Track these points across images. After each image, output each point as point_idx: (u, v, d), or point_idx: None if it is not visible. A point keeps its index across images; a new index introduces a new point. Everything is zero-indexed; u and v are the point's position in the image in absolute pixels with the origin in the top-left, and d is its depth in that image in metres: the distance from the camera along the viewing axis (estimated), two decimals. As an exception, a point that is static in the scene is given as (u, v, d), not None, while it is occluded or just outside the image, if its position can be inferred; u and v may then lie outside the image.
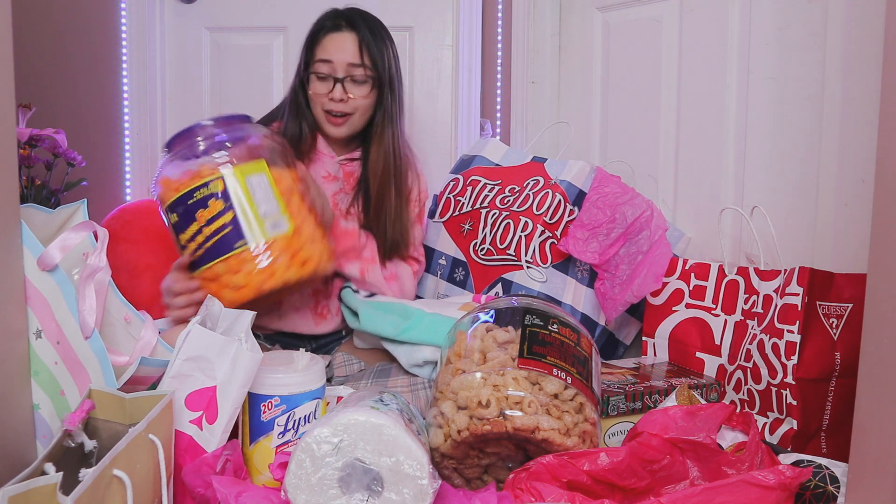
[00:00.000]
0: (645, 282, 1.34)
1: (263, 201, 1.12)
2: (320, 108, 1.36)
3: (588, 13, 1.76)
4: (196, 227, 1.10)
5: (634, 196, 1.41)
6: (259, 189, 1.13)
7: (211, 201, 1.10)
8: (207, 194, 1.10)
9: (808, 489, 0.89)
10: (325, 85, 1.35)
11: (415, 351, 1.21)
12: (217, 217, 1.10)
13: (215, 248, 1.10)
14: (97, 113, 1.90)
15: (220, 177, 1.10)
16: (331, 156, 1.42)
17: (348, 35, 1.35)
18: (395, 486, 0.81)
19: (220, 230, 1.09)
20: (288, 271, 1.12)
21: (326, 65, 1.34)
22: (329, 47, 1.35)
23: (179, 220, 1.13)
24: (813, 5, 1.30)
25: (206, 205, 1.10)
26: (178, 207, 1.12)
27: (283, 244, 1.13)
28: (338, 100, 1.34)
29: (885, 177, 0.79)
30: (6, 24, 0.83)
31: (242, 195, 1.11)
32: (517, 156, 1.59)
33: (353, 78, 1.34)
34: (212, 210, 1.10)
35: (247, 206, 1.11)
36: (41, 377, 0.91)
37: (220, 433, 0.91)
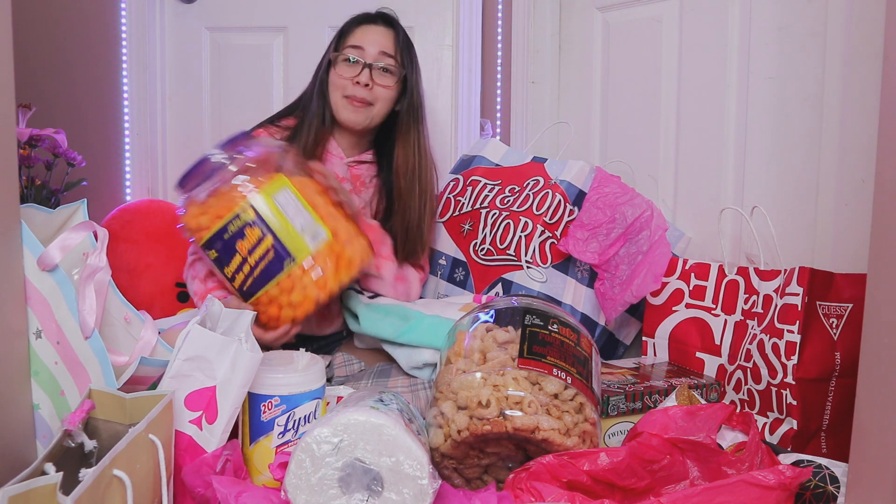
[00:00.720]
0: (644, 282, 1.34)
1: (296, 216, 1.13)
2: (341, 93, 1.35)
3: (588, 13, 1.76)
4: (239, 259, 1.11)
5: (634, 196, 1.41)
6: (288, 205, 1.13)
7: (247, 230, 1.10)
8: (241, 225, 1.10)
9: (808, 489, 0.89)
10: (352, 69, 1.33)
11: (414, 353, 1.21)
12: (258, 245, 1.10)
13: (265, 274, 1.11)
14: (97, 113, 1.90)
15: (248, 204, 1.11)
16: (340, 157, 1.41)
17: (384, 29, 1.36)
18: (395, 486, 0.81)
19: (264, 256, 1.11)
20: (338, 276, 1.14)
21: (357, 50, 1.34)
22: (362, 35, 1.35)
23: (220, 255, 1.13)
24: (813, 5, 1.30)
25: (244, 235, 1.10)
26: (215, 244, 1.13)
27: (327, 251, 1.14)
28: (363, 84, 1.32)
29: (885, 177, 0.79)
30: (6, 24, 0.83)
31: (274, 216, 1.11)
32: (517, 156, 1.59)
33: (382, 67, 1.34)
34: (250, 239, 1.10)
35: (282, 225, 1.11)
36: (41, 377, 0.91)
37: (220, 433, 0.91)
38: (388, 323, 1.24)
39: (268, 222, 1.11)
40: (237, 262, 1.12)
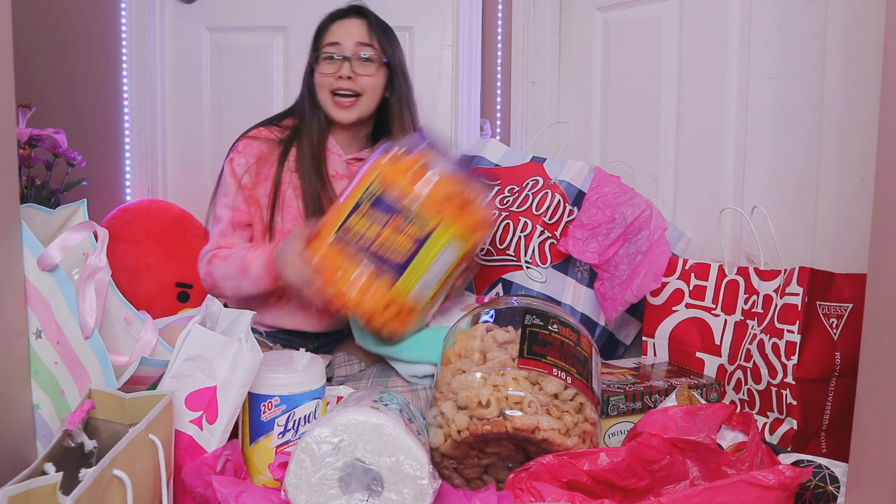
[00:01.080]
0: (644, 281, 1.34)
1: (435, 271, 1.14)
2: (327, 91, 1.36)
3: (588, 13, 1.76)
4: (379, 227, 1.11)
5: (634, 196, 1.41)
6: (442, 260, 1.14)
7: (412, 227, 1.11)
8: (415, 219, 1.11)
9: (808, 489, 0.89)
10: (332, 65, 1.35)
11: (413, 367, 1.22)
12: (403, 239, 1.11)
13: (375, 257, 1.11)
14: (97, 113, 1.90)
15: (440, 222, 1.11)
16: (338, 154, 1.41)
17: (356, 20, 1.37)
18: (395, 486, 0.81)
19: (396, 246, 1.11)
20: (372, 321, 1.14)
21: (334, 46, 1.35)
22: (337, 31, 1.36)
23: (372, 207, 1.12)
24: (813, 5, 1.30)
25: (409, 220, 1.11)
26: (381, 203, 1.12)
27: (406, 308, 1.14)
28: (346, 77, 1.33)
29: (885, 177, 0.79)
30: (6, 24, 0.83)
31: (430, 251, 1.12)
32: (517, 156, 1.59)
33: (361, 57, 1.35)
34: (408, 231, 1.10)
35: (423, 260, 1.12)
36: (41, 377, 0.91)
37: (220, 433, 0.91)
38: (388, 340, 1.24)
39: (426, 245, 1.11)
40: (372, 226, 1.11)
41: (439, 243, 1.12)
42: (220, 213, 1.36)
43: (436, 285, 1.17)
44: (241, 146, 1.36)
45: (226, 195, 1.35)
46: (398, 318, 1.16)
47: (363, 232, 1.12)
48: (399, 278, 1.11)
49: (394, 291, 1.12)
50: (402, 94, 1.40)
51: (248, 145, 1.36)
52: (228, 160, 1.37)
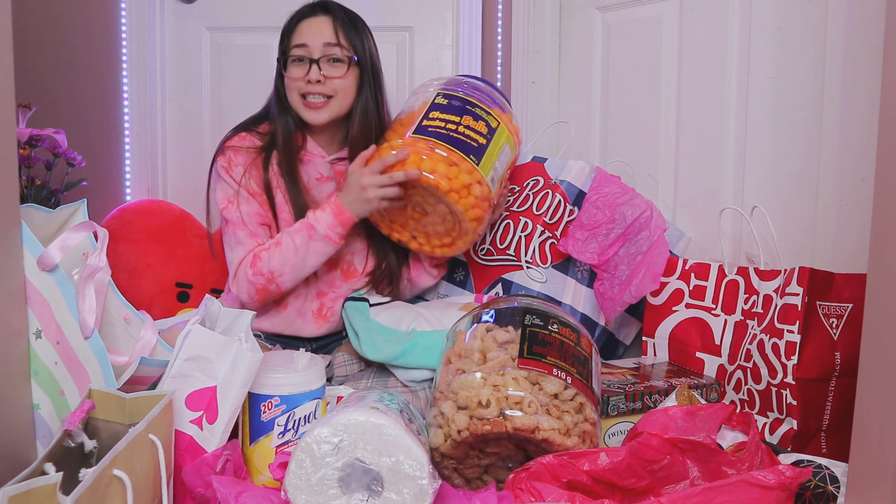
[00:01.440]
0: (643, 282, 1.34)
1: (500, 164, 1.32)
2: (297, 94, 1.33)
3: (588, 13, 1.76)
4: (457, 119, 1.27)
5: (634, 196, 1.41)
6: (503, 155, 1.33)
7: (480, 122, 1.29)
8: (483, 116, 1.29)
9: (808, 489, 0.89)
10: (301, 68, 1.32)
11: (410, 372, 1.22)
12: (473, 131, 1.27)
13: (454, 141, 1.25)
14: (97, 113, 1.89)
15: (500, 123, 1.31)
16: (321, 156, 1.40)
17: (323, 18, 1.34)
18: (395, 486, 0.81)
19: (468, 137, 1.26)
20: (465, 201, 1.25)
21: (302, 48, 1.32)
22: (304, 31, 1.33)
23: (447, 105, 1.30)
24: (813, 5, 1.30)
25: (476, 120, 1.28)
26: (455, 100, 1.31)
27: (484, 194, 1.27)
28: (314, 81, 1.30)
29: (885, 177, 0.79)
30: (6, 24, 0.83)
31: (496, 146, 1.30)
32: (517, 156, 1.59)
33: (329, 58, 1.32)
34: (475, 125, 1.27)
35: (493, 153, 1.29)
36: (41, 377, 0.91)
37: (221, 433, 0.91)
38: (385, 346, 1.25)
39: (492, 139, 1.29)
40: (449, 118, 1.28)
41: (502, 138, 1.31)
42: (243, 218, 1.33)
43: (500, 178, 1.33)
44: (232, 156, 1.34)
45: (241, 203, 1.33)
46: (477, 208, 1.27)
47: (443, 125, 1.27)
48: (481, 159, 1.26)
49: (481, 167, 1.25)
50: (368, 97, 1.36)
51: (237, 154, 1.34)
52: (225, 171, 1.34)
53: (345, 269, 1.42)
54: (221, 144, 1.36)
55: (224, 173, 1.34)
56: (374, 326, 1.30)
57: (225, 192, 1.34)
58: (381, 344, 1.25)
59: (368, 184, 1.24)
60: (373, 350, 1.24)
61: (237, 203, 1.33)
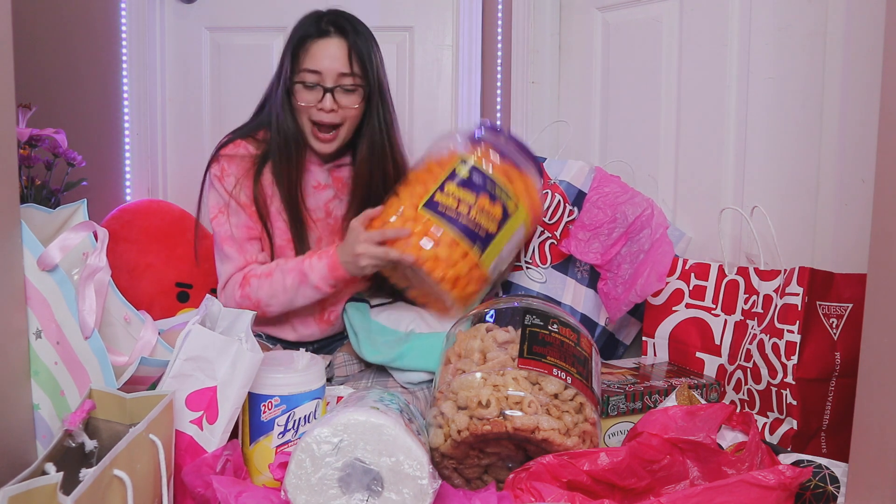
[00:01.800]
0: (648, 281, 1.33)
1: (509, 248, 1.27)
2: (307, 118, 1.31)
3: (588, 13, 1.76)
4: (472, 199, 1.20)
5: (634, 195, 1.41)
6: (515, 238, 1.27)
7: (497, 204, 1.22)
8: (502, 198, 1.22)
9: (808, 489, 0.89)
10: (313, 95, 1.29)
11: (407, 374, 1.22)
12: (486, 215, 1.21)
13: (463, 228, 1.19)
14: (97, 113, 1.90)
15: (517, 206, 1.24)
16: (318, 164, 1.38)
17: (336, 41, 1.29)
18: (395, 486, 0.81)
19: (476, 225, 1.20)
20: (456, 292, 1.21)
21: (314, 75, 1.28)
22: (317, 55, 1.28)
23: (467, 179, 1.22)
24: (813, 5, 1.30)
25: (494, 201, 1.21)
26: (476, 176, 1.22)
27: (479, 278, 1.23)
28: (328, 110, 1.28)
29: (885, 177, 0.79)
30: (6, 24, 0.83)
31: (508, 232, 1.24)
32: (517, 156, 1.59)
33: (343, 87, 1.28)
34: (491, 209, 1.21)
35: (502, 241, 1.23)
36: (41, 377, 0.91)
37: (221, 433, 0.91)
38: (384, 347, 1.25)
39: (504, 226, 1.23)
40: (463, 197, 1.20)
41: (518, 222, 1.25)
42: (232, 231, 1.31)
43: (507, 260, 1.29)
44: (226, 165, 1.32)
45: (231, 215, 1.31)
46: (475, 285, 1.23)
47: (455, 206, 1.20)
48: (486, 248, 1.21)
49: (483, 258, 1.21)
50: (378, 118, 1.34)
51: (231, 163, 1.32)
52: (217, 180, 1.31)
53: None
54: (216, 151, 1.34)
55: (216, 182, 1.32)
56: (374, 327, 1.30)
57: (216, 202, 1.33)
58: (379, 345, 1.25)
59: (363, 252, 1.20)
60: (371, 352, 1.24)
61: (227, 214, 1.32)
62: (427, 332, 1.24)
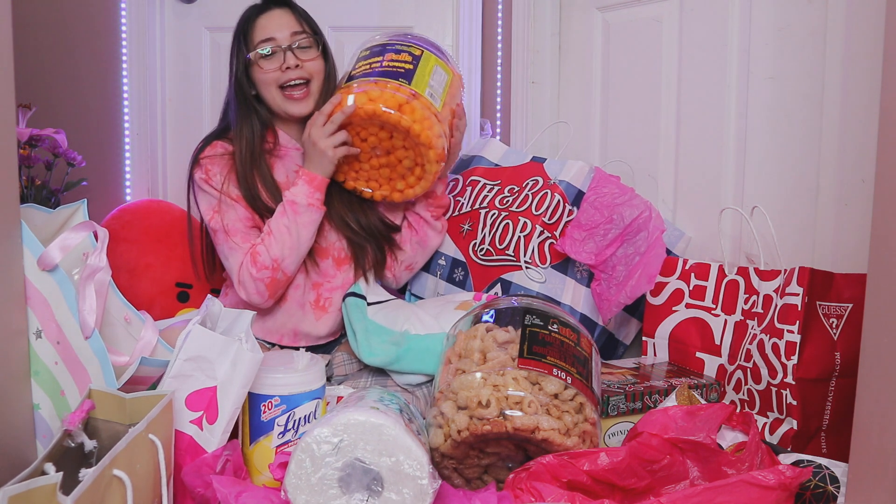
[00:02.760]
0: (638, 283, 1.33)
1: (435, 82, 1.34)
2: (275, 87, 1.33)
3: (588, 13, 1.76)
4: (378, 60, 1.33)
5: (633, 197, 1.41)
6: (436, 75, 1.34)
7: (403, 54, 1.33)
8: (404, 49, 1.33)
9: (808, 489, 0.89)
10: (274, 61, 1.33)
11: (405, 377, 1.22)
12: (396, 62, 1.31)
13: (380, 73, 1.30)
14: (97, 113, 1.90)
15: (421, 50, 1.34)
16: (296, 148, 1.40)
17: (281, 11, 1.36)
18: (395, 486, 0.81)
19: (397, 65, 1.31)
20: (409, 116, 1.27)
21: (269, 42, 1.33)
22: (266, 25, 1.35)
23: (368, 52, 1.36)
24: (813, 5, 1.30)
25: (399, 52, 1.33)
26: (375, 48, 1.36)
27: (425, 105, 1.30)
28: (293, 66, 1.32)
29: (885, 177, 0.79)
30: (6, 24, 0.83)
31: (425, 68, 1.33)
32: (517, 156, 1.59)
33: (299, 45, 1.34)
34: (401, 57, 1.32)
35: (423, 73, 1.32)
36: (41, 377, 0.91)
37: (221, 433, 0.91)
38: (381, 349, 1.25)
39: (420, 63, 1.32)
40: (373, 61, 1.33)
41: (430, 62, 1.34)
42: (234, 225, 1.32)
43: (441, 96, 1.34)
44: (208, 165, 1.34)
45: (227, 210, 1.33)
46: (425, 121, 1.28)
47: (368, 68, 1.32)
48: (412, 79, 1.30)
49: (414, 85, 1.29)
50: (331, 73, 1.39)
51: (213, 163, 1.34)
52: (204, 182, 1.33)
53: (335, 256, 1.42)
54: (195, 157, 1.36)
55: (204, 185, 1.34)
56: (371, 327, 1.30)
57: (209, 203, 1.34)
58: (376, 346, 1.25)
59: (317, 137, 1.28)
60: (369, 353, 1.24)
61: (221, 212, 1.33)
62: (423, 334, 1.24)
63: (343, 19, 1.50)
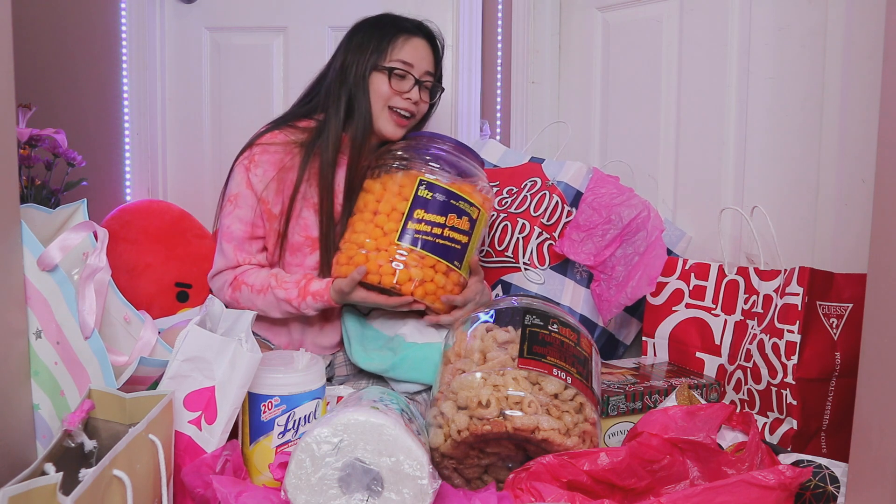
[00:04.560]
0: (639, 285, 1.33)
1: (477, 251, 1.31)
2: (385, 103, 1.33)
3: (588, 13, 1.76)
4: (441, 220, 1.23)
5: (631, 197, 1.41)
6: (480, 241, 1.31)
7: (464, 218, 1.25)
8: (467, 211, 1.25)
9: (808, 489, 0.89)
10: (404, 83, 1.33)
11: (400, 385, 1.22)
12: (458, 231, 1.24)
13: (441, 249, 1.23)
14: (97, 113, 1.90)
15: (479, 210, 1.27)
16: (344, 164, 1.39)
17: (426, 44, 1.37)
18: (395, 486, 0.81)
19: (452, 241, 1.24)
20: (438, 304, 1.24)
21: (408, 66, 1.34)
22: (410, 51, 1.35)
23: (430, 201, 1.23)
24: (813, 5, 1.30)
25: (460, 216, 1.24)
26: (437, 193, 1.23)
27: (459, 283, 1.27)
28: (414, 101, 1.34)
29: (885, 177, 0.79)
30: (6, 24, 0.83)
31: (477, 236, 1.28)
32: (515, 156, 1.59)
33: (425, 85, 1.36)
34: (459, 224, 1.24)
35: (474, 246, 1.28)
36: (41, 377, 0.91)
37: (220, 433, 0.91)
38: (375, 355, 1.24)
39: (473, 233, 1.27)
40: (432, 219, 1.22)
41: (481, 225, 1.29)
42: (233, 226, 1.28)
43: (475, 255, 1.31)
44: (258, 154, 1.28)
45: (239, 207, 1.28)
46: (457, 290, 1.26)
47: (428, 229, 1.22)
48: (463, 260, 1.25)
49: (462, 271, 1.25)
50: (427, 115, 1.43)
51: (265, 153, 1.28)
52: (244, 168, 1.28)
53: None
54: (252, 139, 1.32)
55: (242, 171, 1.29)
56: (369, 332, 1.30)
57: (237, 188, 1.29)
58: (371, 352, 1.25)
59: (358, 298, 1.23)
60: (364, 359, 1.24)
61: (235, 205, 1.28)
62: (421, 343, 1.23)
63: (343, 19, 1.49)
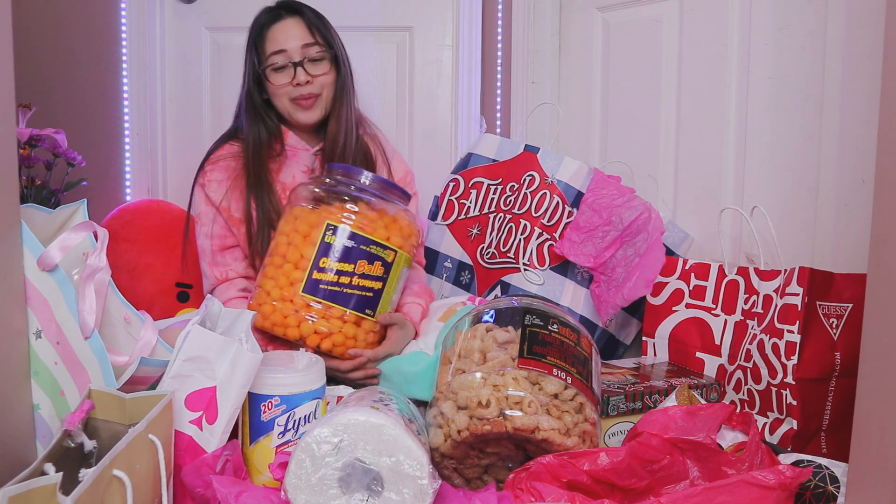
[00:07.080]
0: (636, 286, 1.33)
1: (397, 292, 1.25)
2: (286, 99, 1.34)
3: (588, 13, 1.76)
4: (349, 268, 1.17)
5: (632, 198, 1.41)
6: (402, 281, 1.25)
7: (377, 263, 1.18)
8: (380, 255, 1.18)
9: (808, 489, 0.89)
10: (285, 74, 1.32)
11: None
12: (369, 278, 1.18)
13: (349, 298, 1.17)
14: (97, 113, 1.90)
15: (396, 252, 1.20)
16: (305, 149, 1.39)
17: (293, 20, 1.33)
18: (395, 486, 0.81)
19: (363, 289, 1.18)
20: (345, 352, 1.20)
21: (281, 55, 1.32)
22: (278, 37, 1.32)
23: (337, 248, 1.17)
24: (813, 5, 1.30)
25: (371, 262, 1.18)
26: (345, 239, 1.17)
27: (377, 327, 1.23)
28: (303, 83, 1.31)
29: (885, 177, 0.79)
30: (6, 24, 0.83)
31: (395, 279, 1.22)
32: (511, 146, 1.57)
33: (310, 58, 1.32)
34: (371, 270, 1.18)
35: (391, 289, 1.22)
36: (41, 377, 0.91)
37: (220, 433, 0.91)
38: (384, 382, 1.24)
39: (390, 277, 1.20)
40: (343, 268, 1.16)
41: (399, 267, 1.22)
42: (204, 244, 1.35)
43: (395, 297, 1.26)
44: (210, 172, 1.35)
45: (204, 224, 1.34)
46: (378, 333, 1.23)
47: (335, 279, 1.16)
48: (377, 307, 1.20)
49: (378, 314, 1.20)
50: (343, 86, 1.37)
51: (215, 169, 1.35)
52: (200, 187, 1.35)
53: None
54: (205, 158, 1.37)
55: (199, 190, 1.36)
56: None
57: (197, 209, 1.36)
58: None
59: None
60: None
61: (200, 223, 1.35)
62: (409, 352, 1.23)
63: (343, 19, 1.49)
